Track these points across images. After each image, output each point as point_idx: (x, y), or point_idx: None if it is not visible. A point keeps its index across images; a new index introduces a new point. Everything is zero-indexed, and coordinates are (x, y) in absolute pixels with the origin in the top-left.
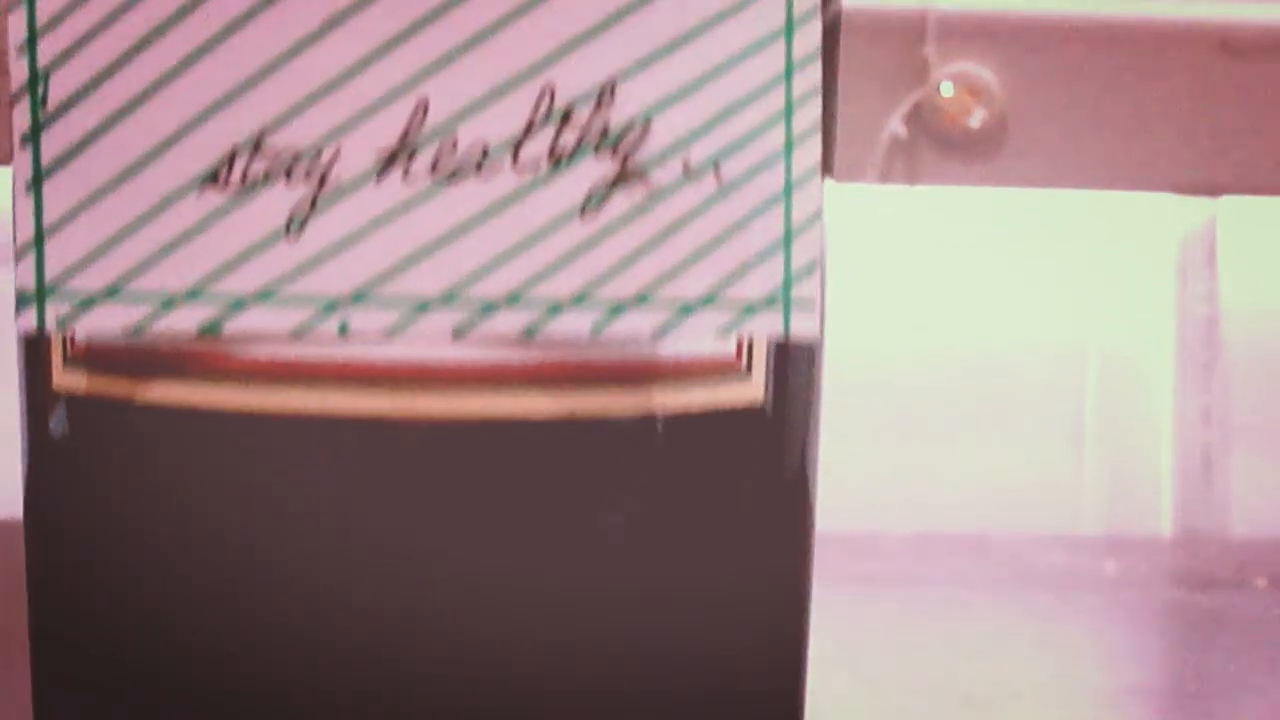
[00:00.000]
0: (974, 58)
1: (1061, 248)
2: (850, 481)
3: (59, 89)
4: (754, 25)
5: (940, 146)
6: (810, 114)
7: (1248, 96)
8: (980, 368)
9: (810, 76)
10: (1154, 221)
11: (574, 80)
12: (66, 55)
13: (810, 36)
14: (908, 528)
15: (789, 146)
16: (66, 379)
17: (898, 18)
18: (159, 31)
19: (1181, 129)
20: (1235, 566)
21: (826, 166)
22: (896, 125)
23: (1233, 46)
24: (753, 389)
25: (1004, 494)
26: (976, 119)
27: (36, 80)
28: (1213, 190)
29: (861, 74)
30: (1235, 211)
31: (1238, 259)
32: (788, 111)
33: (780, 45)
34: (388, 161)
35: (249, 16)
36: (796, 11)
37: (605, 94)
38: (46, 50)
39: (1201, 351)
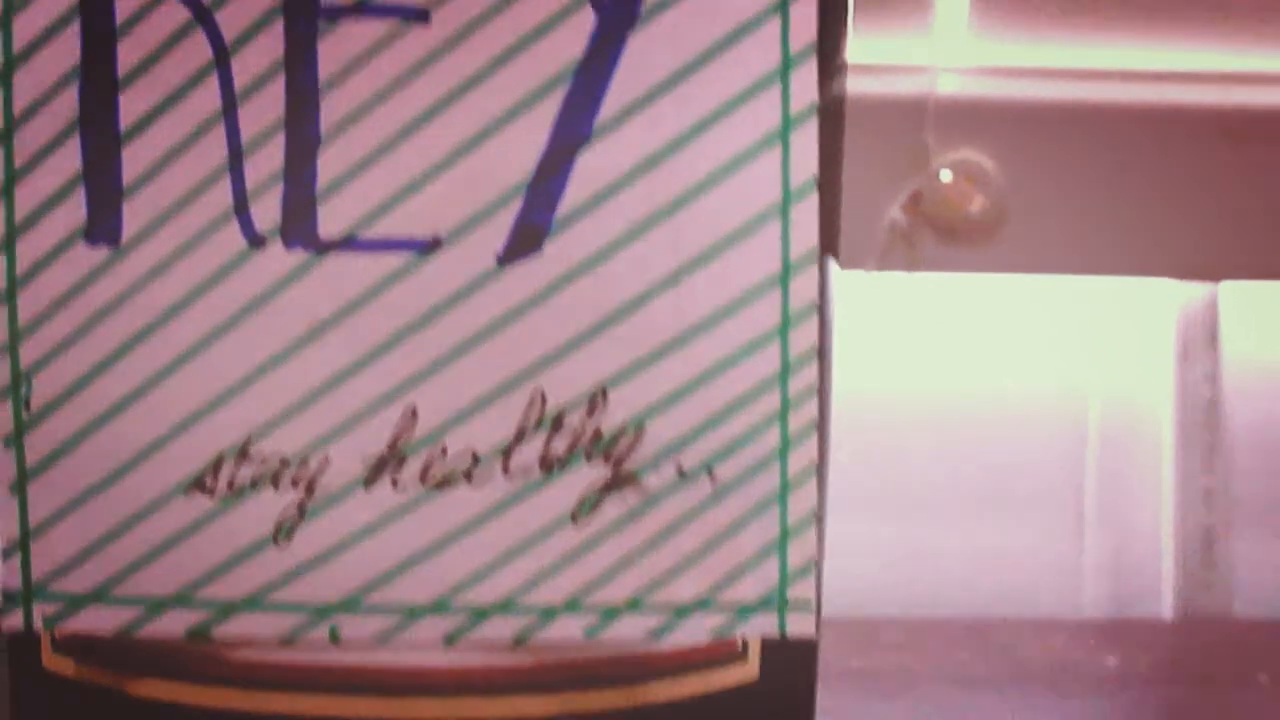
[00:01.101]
0: (974, 145)
1: (1061, 330)
2: (847, 564)
3: (42, 391)
4: (750, 325)
5: (940, 233)
6: (808, 412)
7: (1248, 182)
8: (980, 451)
9: (807, 375)
10: (1155, 303)
11: (565, 386)
12: (49, 358)
13: (807, 333)
14: (906, 612)
15: (785, 447)
16: (55, 662)
17: (898, 105)
18: (143, 336)
19: (1182, 214)
20: (1238, 656)
21: (830, 249)
22: (896, 212)
23: (1233, 132)
24: (748, 669)
25: (1004, 577)
26: (976, 206)
27: (19, 381)
28: (1214, 275)
29: (861, 160)
30: (1236, 295)
31: (1239, 341)
32: (784, 412)
33: (776, 345)
34: (377, 469)
35: (233, 322)
36: (793, 307)
37: (597, 399)
38: (29, 352)
39: (1204, 433)
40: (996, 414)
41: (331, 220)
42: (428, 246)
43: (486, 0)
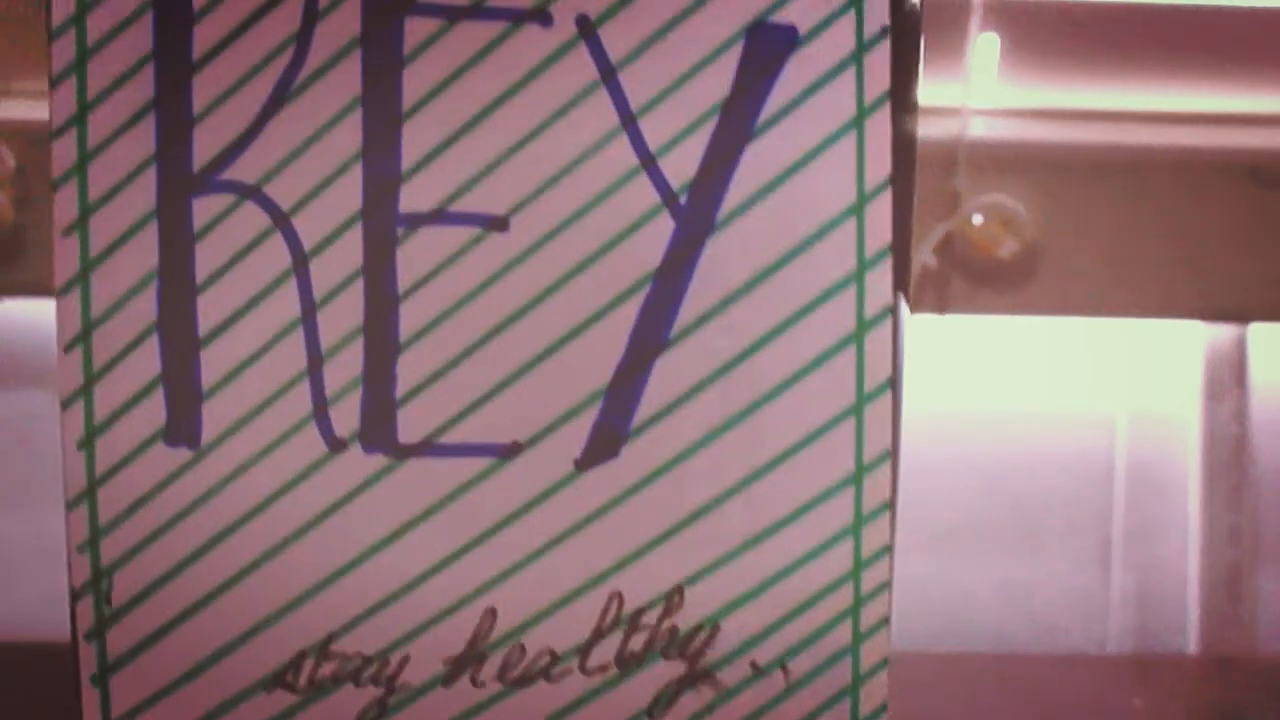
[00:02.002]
0: (1004, 189)
1: (1090, 368)
2: None
3: (123, 588)
4: (823, 524)
5: (970, 276)
6: (879, 608)
7: (1277, 224)
8: (1008, 487)
9: (879, 571)
10: (1183, 342)
11: (642, 586)
12: (129, 555)
13: (880, 530)
14: (931, 645)
15: (857, 641)
16: None
17: (929, 150)
18: (223, 535)
19: (1210, 257)
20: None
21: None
22: (927, 255)
23: (1261, 176)
24: None
25: (1030, 611)
26: (1006, 250)
27: (100, 578)
28: (1242, 318)
29: None
30: (1264, 334)
31: (1266, 380)
32: (855, 608)
33: (849, 543)
34: (457, 667)
35: (313, 524)
36: (866, 505)
37: (674, 598)
38: (109, 550)
39: (1231, 471)
40: (1024, 450)
41: (411, 425)
42: (507, 451)
43: (565, 208)
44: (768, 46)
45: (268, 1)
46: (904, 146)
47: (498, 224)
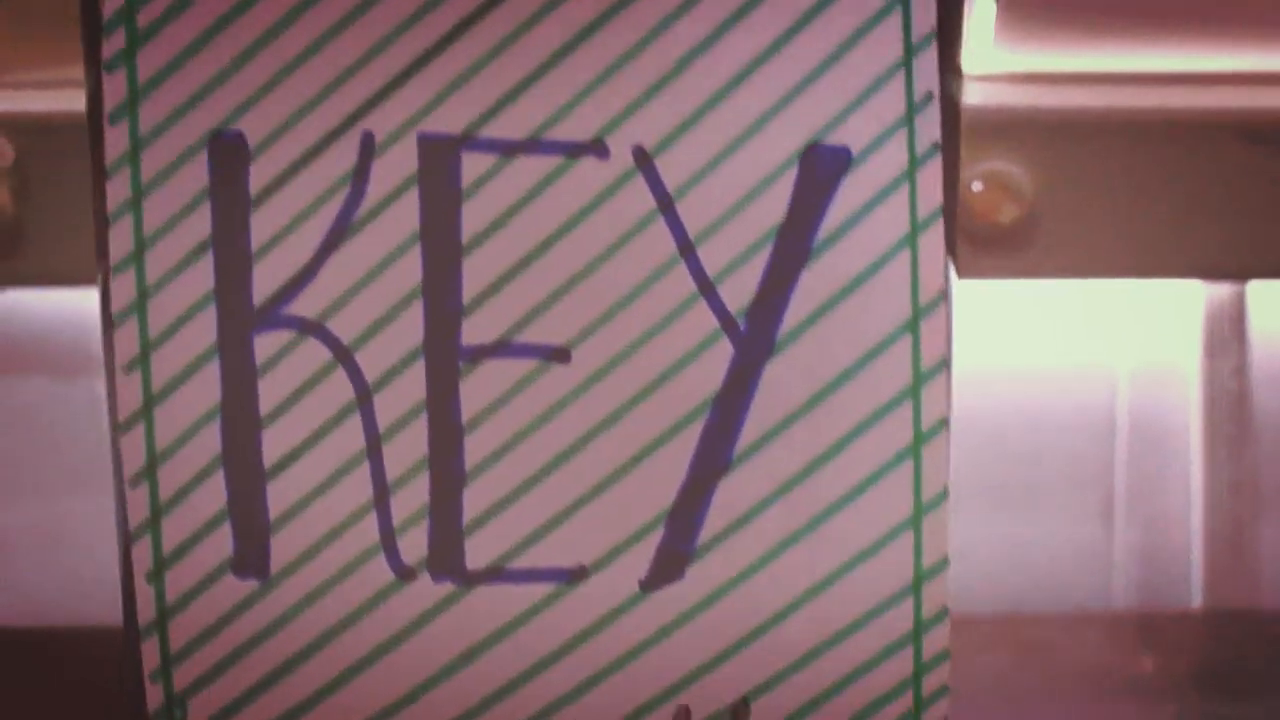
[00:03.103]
0: (1003, 155)
1: (1089, 326)
2: None
3: (196, 715)
4: (883, 632)
5: (972, 243)
6: (937, 713)
7: (1274, 183)
8: (1007, 443)
9: (939, 676)
10: (1182, 297)
11: (709, 700)
12: (200, 685)
13: (939, 637)
14: None
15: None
16: None
17: None
18: (292, 665)
19: (1208, 217)
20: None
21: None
22: None
23: (1258, 134)
24: None
25: (1033, 568)
26: (1007, 215)
27: (172, 707)
28: (1241, 276)
29: None
30: (1264, 290)
31: (1264, 335)
32: (916, 712)
33: (909, 650)
34: None
35: (382, 652)
36: (925, 613)
37: (740, 710)
38: (180, 679)
39: (1231, 425)
40: (1024, 406)
41: (478, 552)
42: (573, 576)
43: (626, 337)
44: (822, 168)
45: (324, 139)
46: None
47: (559, 355)
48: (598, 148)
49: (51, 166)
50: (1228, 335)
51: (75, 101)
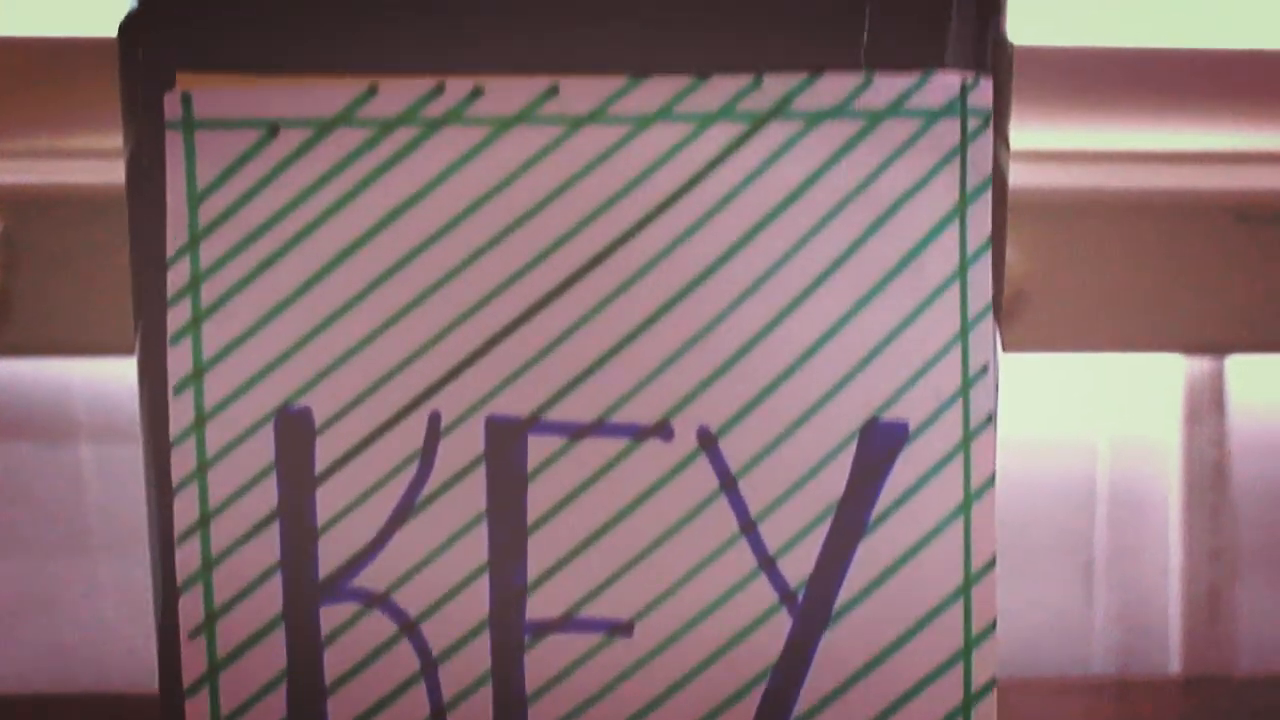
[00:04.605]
0: None
1: (1071, 397)
2: None
3: None
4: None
5: None
6: None
7: (1255, 260)
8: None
9: None
10: (1164, 368)
11: None
12: None
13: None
14: None
15: None
16: None
17: None
18: None
19: (1190, 294)
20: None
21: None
22: None
23: (1243, 213)
24: None
25: (1014, 632)
26: None
27: None
28: (1221, 350)
29: None
30: (1242, 365)
31: (1244, 408)
32: None
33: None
34: None
35: None
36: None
37: None
38: None
39: (1210, 494)
40: (1008, 472)
41: None
42: None
43: (688, 611)
44: (880, 444)
45: (391, 418)
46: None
47: (622, 629)
48: (663, 430)
49: (39, 239)
50: (1207, 407)
51: (62, 174)
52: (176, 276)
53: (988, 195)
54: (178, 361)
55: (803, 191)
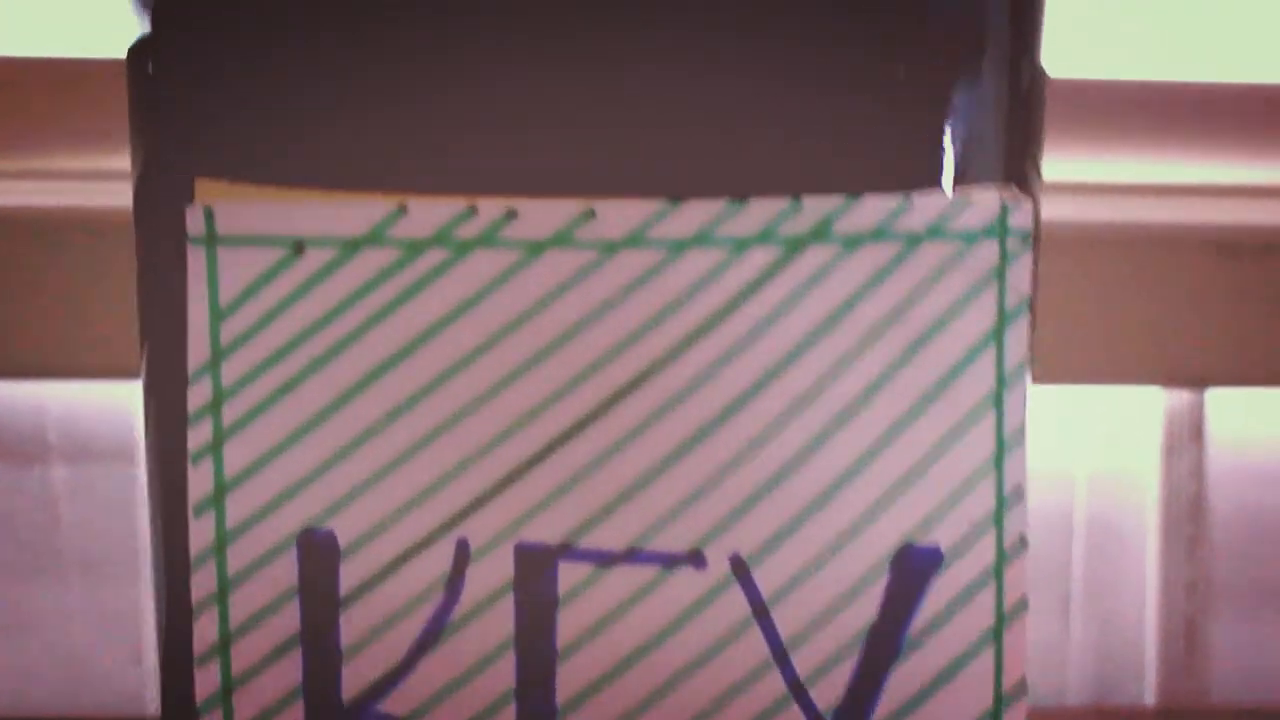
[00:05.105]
0: None
1: (1050, 423)
2: None
3: None
4: None
5: None
6: None
7: (1235, 294)
8: None
9: None
10: (1142, 399)
11: None
12: None
13: None
14: None
15: None
16: None
17: None
18: None
19: (1170, 326)
20: None
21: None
22: None
23: (1220, 245)
24: None
25: None
26: None
27: None
28: (1200, 383)
29: None
30: (1220, 397)
31: (1223, 441)
32: None
33: None
34: None
35: None
36: None
37: None
38: None
39: (1188, 525)
40: None
41: None
42: None
43: None
44: (913, 569)
45: (418, 544)
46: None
47: None
48: (695, 558)
49: (8, 258)
50: (1186, 440)
51: (33, 196)
52: (197, 395)
53: (1025, 317)
54: (198, 482)
55: (840, 316)
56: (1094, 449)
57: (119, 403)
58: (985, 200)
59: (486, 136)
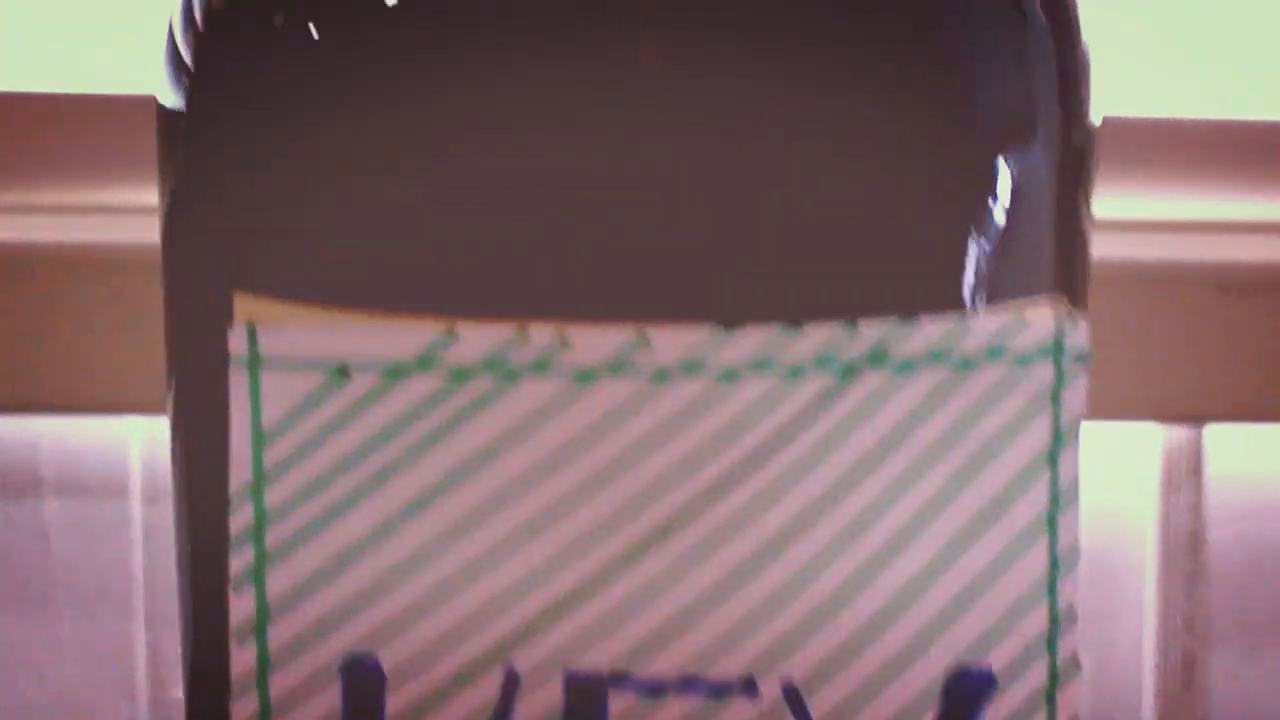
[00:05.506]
0: None
1: None
2: None
3: None
4: None
5: None
6: None
7: (1234, 330)
8: None
9: None
10: (1141, 434)
11: None
12: None
13: None
14: None
15: None
16: None
17: None
18: None
19: (1168, 361)
20: None
21: None
22: None
23: (1218, 281)
24: None
25: None
26: None
27: None
28: (1198, 419)
29: None
30: (1219, 433)
31: (1222, 477)
32: None
33: None
34: None
35: None
36: None
37: None
38: None
39: (1186, 560)
40: None
41: None
42: None
43: None
44: (966, 693)
45: (465, 673)
46: None
47: None
48: (748, 687)
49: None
50: (1185, 476)
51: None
52: (240, 520)
53: (1079, 438)
54: (240, 608)
55: (895, 442)
56: (1092, 485)
57: (113, 437)
58: (1040, 319)
59: (535, 259)
